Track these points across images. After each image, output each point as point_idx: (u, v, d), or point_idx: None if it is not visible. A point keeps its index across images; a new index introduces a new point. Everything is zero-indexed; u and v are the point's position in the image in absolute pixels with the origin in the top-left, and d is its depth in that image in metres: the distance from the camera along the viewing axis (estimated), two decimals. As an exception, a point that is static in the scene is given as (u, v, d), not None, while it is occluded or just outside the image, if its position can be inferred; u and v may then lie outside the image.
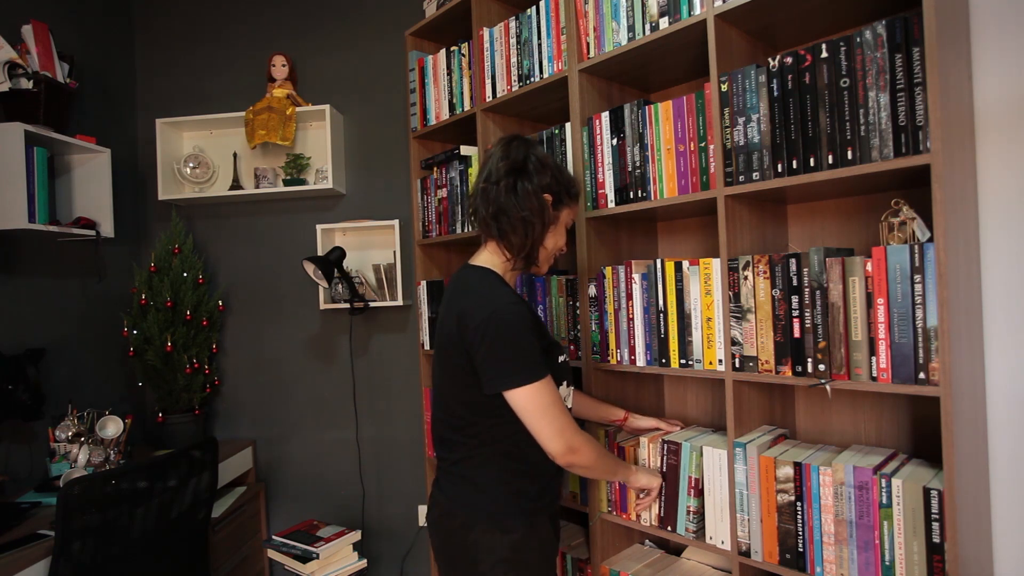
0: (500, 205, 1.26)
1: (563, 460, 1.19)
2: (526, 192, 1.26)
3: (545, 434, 1.17)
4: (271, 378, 2.65)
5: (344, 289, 2.34)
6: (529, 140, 1.33)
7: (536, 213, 1.26)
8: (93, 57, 2.48)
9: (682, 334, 1.41)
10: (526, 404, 1.16)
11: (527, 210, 1.25)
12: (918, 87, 1.04)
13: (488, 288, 1.23)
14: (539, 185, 1.27)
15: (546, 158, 1.31)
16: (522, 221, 1.26)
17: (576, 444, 1.19)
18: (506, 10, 1.94)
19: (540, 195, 1.27)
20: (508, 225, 1.26)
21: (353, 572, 2.03)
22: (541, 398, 1.16)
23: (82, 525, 1.48)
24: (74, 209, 2.24)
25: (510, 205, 1.25)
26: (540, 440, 1.18)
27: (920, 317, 1.05)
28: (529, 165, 1.27)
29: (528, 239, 1.27)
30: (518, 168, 1.27)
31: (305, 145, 2.58)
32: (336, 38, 2.59)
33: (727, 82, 1.28)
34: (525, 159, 1.28)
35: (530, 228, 1.26)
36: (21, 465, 2.05)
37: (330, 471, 2.60)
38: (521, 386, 1.15)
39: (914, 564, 1.08)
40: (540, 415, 1.16)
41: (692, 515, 1.41)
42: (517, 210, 1.25)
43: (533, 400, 1.16)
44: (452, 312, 1.22)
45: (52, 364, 2.18)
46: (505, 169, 1.27)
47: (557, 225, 1.33)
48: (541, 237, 1.29)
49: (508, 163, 1.27)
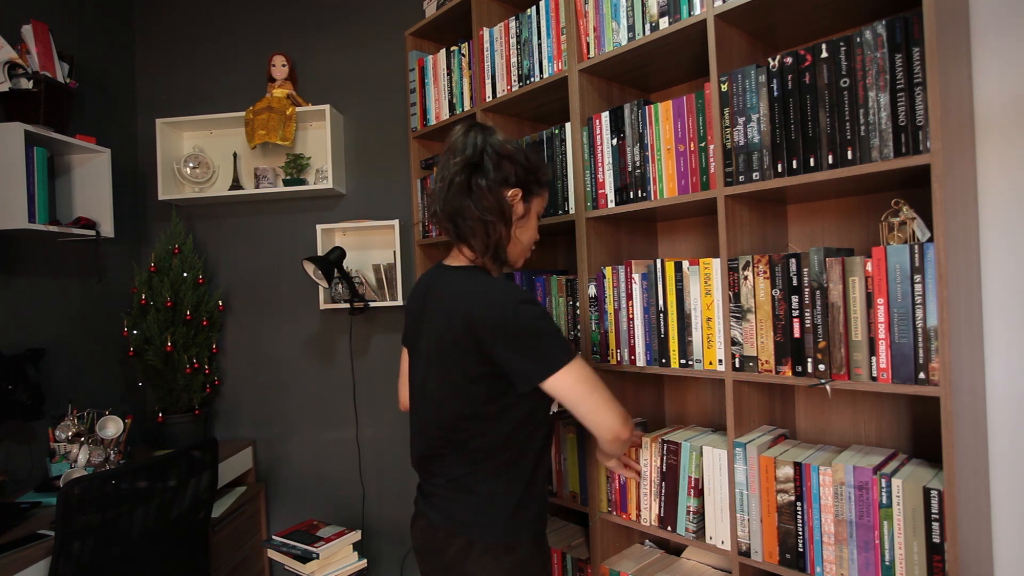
0: (455, 207, 1.17)
1: (620, 433, 1.13)
2: (482, 190, 1.16)
3: (602, 412, 1.11)
4: (271, 378, 2.65)
5: (344, 289, 2.34)
6: (487, 128, 1.21)
7: (494, 212, 1.16)
8: (93, 57, 2.48)
9: (682, 334, 1.41)
10: (573, 384, 1.09)
11: (484, 210, 1.16)
12: (918, 87, 1.04)
13: (489, 285, 1.15)
14: (497, 180, 1.17)
15: (504, 147, 1.19)
16: (480, 222, 1.16)
17: (626, 415, 1.15)
18: (506, 10, 1.94)
19: (499, 191, 1.17)
20: (466, 227, 1.18)
21: (353, 572, 2.03)
22: (586, 374, 1.10)
23: (82, 525, 1.48)
24: (74, 209, 2.24)
25: (465, 206, 1.16)
26: (596, 418, 1.11)
27: (920, 317, 1.05)
28: (485, 159, 1.17)
29: (490, 240, 1.18)
30: (472, 163, 1.17)
31: (305, 145, 2.58)
32: (336, 38, 2.59)
33: (727, 82, 1.28)
34: (481, 152, 1.17)
35: (491, 228, 1.17)
36: (21, 465, 2.05)
37: (330, 471, 2.60)
38: (562, 368, 1.08)
39: (914, 564, 1.08)
40: (590, 392, 1.10)
41: (692, 515, 1.41)
42: (473, 211, 1.16)
43: (579, 378, 1.09)
44: (454, 316, 1.12)
45: (52, 364, 2.18)
46: (459, 166, 1.17)
47: (528, 217, 1.24)
48: (507, 235, 1.20)
49: (462, 159, 1.17)
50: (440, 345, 1.16)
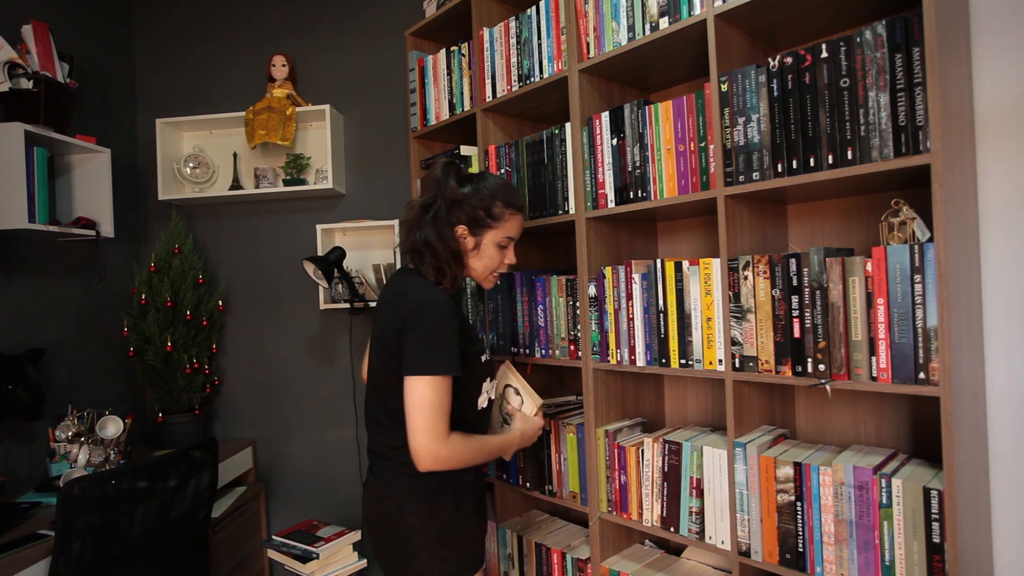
0: (413, 242, 1.36)
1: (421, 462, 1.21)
2: (433, 228, 1.34)
3: (418, 435, 1.20)
4: (271, 378, 2.65)
5: (344, 289, 2.34)
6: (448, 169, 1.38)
7: (444, 248, 1.33)
8: (93, 57, 2.48)
9: (682, 334, 1.41)
10: (415, 395, 1.20)
11: (438, 246, 1.33)
12: (918, 87, 1.04)
13: (414, 286, 1.32)
14: (447, 220, 1.35)
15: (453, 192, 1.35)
16: (433, 256, 1.34)
17: (442, 455, 1.21)
18: (506, 10, 1.94)
19: (449, 229, 1.35)
20: (421, 261, 1.36)
21: (353, 572, 2.03)
22: (431, 395, 1.20)
23: (82, 525, 1.48)
24: (74, 209, 2.24)
25: (420, 243, 1.35)
26: (411, 436, 1.21)
27: (920, 317, 1.05)
28: (439, 202, 1.35)
29: (444, 270, 1.34)
30: (427, 205, 1.36)
31: (305, 145, 2.58)
32: (336, 38, 2.59)
33: (727, 82, 1.28)
34: (438, 195, 1.36)
35: (442, 262, 1.33)
36: (21, 465, 2.04)
37: (330, 471, 2.60)
38: (418, 375, 1.20)
39: (914, 564, 1.08)
40: (423, 412, 1.20)
41: (694, 515, 1.42)
42: (427, 248, 1.34)
43: (422, 394, 1.20)
44: (390, 306, 1.31)
45: (52, 364, 2.18)
46: (418, 205, 1.38)
47: (480, 249, 1.38)
48: (459, 267, 1.37)
49: (421, 201, 1.38)
50: (382, 333, 1.33)
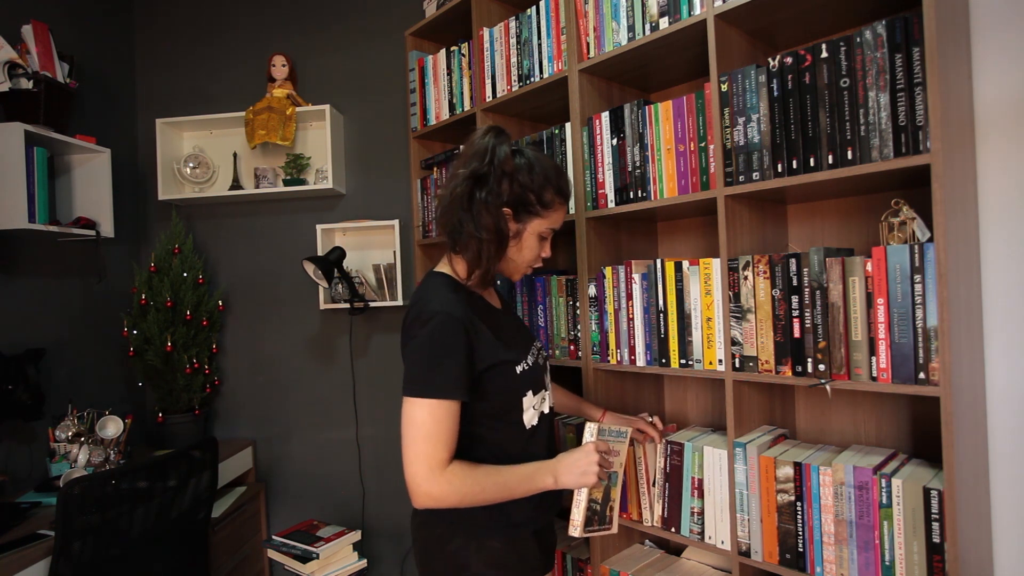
0: (455, 219, 1.15)
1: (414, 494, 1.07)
2: (481, 206, 1.13)
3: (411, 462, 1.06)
4: (271, 378, 2.65)
5: (344, 289, 2.34)
6: (500, 135, 1.16)
7: (490, 230, 1.13)
8: (93, 57, 2.48)
9: (682, 334, 1.41)
10: (409, 418, 1.06)
11: (480, 227, 1.12)
12: (918, 87, 1.04)
13: (432, 293, 1.15)
14: (497, 197, 1.14)
15: (506, 163, 1.14)
16: (475, 239, 1.13)
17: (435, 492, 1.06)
18: (506, 10, 1.94)
19: (498, 209, 1.14)
20: (461, 242, 1.16)
21: (353, 572, 2.03)
22: (425, 419, 1.05)
23: (82, 525, 1.48)
24: (74, 209, 2.24)
25: (465, 220, 1.13)
26: (406, 465, 1.07)
27: (920, 317, 1.05)
28: (491, 174, 1.13)
29: (481, 258, 1.14)
30: (478, 176, 1.14)
31: (305, 145, 2.58)
32: (336, 38, 2.59)
33: (727, 82, 1.28)
34: (489, 164, 1.13)
35: (484, 247, 1.14)
36: (21, 465, 2.05)
37: (330, 471, 2.60)
38: (410, 396, 1.06)
39: (914, 564, 1.08)
40: (416, 438, 1.05)
41: (696, 516, 1.42)
42: (470, 226, 1.13)
43: (414, 417, 1.05)
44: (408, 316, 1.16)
45: (52, 364, 2.18)
46: (464, 177, 1.14)
47: (521, 239, 1.20)
48: (499, 255, 1.17)
49: (469, 170, 1.14)
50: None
